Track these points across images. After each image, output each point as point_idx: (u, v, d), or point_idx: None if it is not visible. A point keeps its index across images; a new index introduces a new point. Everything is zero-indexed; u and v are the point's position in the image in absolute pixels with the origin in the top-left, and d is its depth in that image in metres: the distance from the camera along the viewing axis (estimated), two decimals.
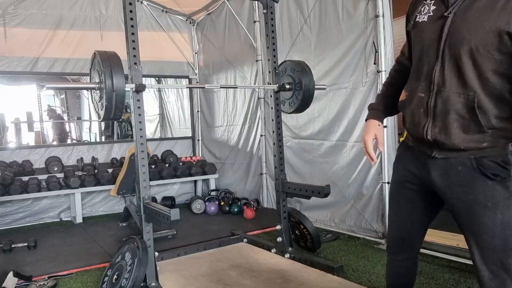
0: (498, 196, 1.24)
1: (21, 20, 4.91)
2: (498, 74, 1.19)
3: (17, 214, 4.75)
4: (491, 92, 1.21)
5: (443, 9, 1.26)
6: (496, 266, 1.25)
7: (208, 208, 4.93)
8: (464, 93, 1.23)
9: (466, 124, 1.25)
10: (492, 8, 1.17)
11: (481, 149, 1.25)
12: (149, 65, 5.51)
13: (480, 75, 1.21)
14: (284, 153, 3.27)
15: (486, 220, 1.24)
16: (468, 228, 1.30)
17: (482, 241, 1.26)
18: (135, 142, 2.52)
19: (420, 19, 1.32)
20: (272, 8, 3.12)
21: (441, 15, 1.26)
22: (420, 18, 1.32)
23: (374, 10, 3.32)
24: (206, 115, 6.13)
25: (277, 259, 3.10)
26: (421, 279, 2.59)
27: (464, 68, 1.22)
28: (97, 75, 2.36)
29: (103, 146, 5.68)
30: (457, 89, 1.23)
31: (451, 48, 1.23)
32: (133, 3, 2.46)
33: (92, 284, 2.80)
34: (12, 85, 8.37)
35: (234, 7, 5.16)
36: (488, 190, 1.24)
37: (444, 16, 1.24)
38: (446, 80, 1.25)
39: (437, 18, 1.27)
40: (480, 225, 1.26)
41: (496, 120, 1.23)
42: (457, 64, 1.23)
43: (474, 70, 1.21)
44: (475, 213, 1.26)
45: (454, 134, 1.26)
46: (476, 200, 1.25)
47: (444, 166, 1.31)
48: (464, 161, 1.28)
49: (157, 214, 2.34)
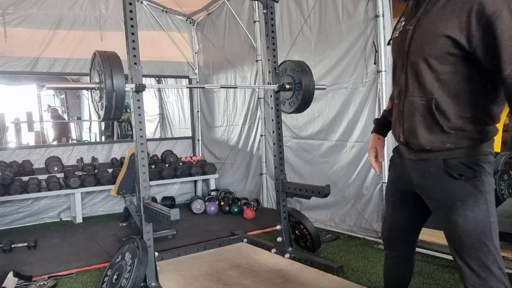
0: (467, 195, 1.28)
1: (21, 20, 4.91)
2: (453, 75, 1.26)
3: (17, 214, 4.75)
4: (449, 93, 1.27)
5: (408, 23, 1.38)
6: (477, 264, 1.29)
7: (208, 208, 4.93)
8: (423, 96, 1.32)
9: (429, 125, 1.32)
10: (440, 15, 1.26)
11: (448, 150, 1.31)
12: (149, 65, 5.51)
13: (438, 78, 1.28)
14: (284, 153, 3.27)
15: (458, 219, 1.29)
16: (446, 228, 1.35)
17: (457, 239, 1.31)
18: (135, 142, 2.52)
19: (394, 35, 1.47)
20: (272, 8, 3.12)
21: (406, 28, 1.38)
22: (394, 35, 1.46)
23: (374, 10, 3.32)
24: (206, 115, 6.13)
25: (277, 259, 3.10)
26: (421, 279, 2.59)
27: (422, 73, 1.31)
28: (97, 75, 2.36)
29: (103, 146, 5.68)
30: (418, 93, 1.33)
31: (412, 56, 1.33)
32: (133, 3, 2.46)
33: (92, 284, 2.80)
34: (12, 85, 8.38)
35: (234, 7, 5.16)
36: (457, 189, 1.30)
37: (407, 29, 1.37)
38: (409, 85, 1.35)
39: (404, 32, 1.39)
40: (454, 224, 1.30)
41: (460, 120, 1.28)
42: (416, 70, 1.32)
43: (432, 74, 1.29)
44: (448, 213, 1.31)
45: (420, 135, 1.34)
46: (447, 199, 1.32)
47: (420, 167, 1.40)
48: (435, 162, 1.34)
49: (157, 214, 2.34)
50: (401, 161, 1.51)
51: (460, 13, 1.21)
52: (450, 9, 1.23)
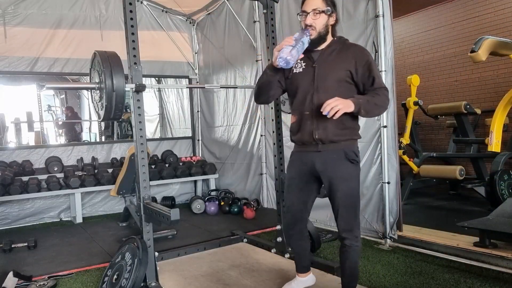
0: (353, 173, 2.07)
1: (21, 20, 4.91)
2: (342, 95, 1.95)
3: (17, 214, 4.75)
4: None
5: (310, 63, 2.10)
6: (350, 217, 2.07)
7: (208, 208, 4.93)
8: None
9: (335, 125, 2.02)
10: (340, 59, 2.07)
11: (344, 141, 2.05)
12: (149, 65, 5.52)
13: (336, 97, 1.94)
14: (284, 153, 3.27)
15: (345, 188, 2.05)
16: (336, 195, 2.06)
17: (342, 201, 2.05)
18: (135, 142, 2.52)
19: (297, 70, 2.14)
20: (272, 8, 3.12)
21: (311, 66, 2.09)
22: (297, 70, 2.14)
23: (374, 10, 3.32)
24: (206, 115, 6.13)
25: (277, 259, 3.11)
26: (421, 279, 2.59)
27: (328, 94, 1.98)
28: (97, 75, 2.36)
29: (103, 146, 5.69)
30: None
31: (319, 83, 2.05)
32: (133, 3, 2.46)
33: (92, 284, 2.80)
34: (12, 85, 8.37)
35: (234, 7, 5.16)
36: (349, 169, 2.06)
37: (313, 67, 2.08)
38: (320, 100, 1.97)
39: (309, 68, 2.10)
40: (342, 191, 2.05)
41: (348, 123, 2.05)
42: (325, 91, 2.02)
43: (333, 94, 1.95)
44: (340, 184, 2.05)
45: (330, 132, 2.03)
46: (342, 176, 2.05)
47: (323, 156, 2.07)
48: (336, 151, 2.06)
49: (157, 214, 2.34)
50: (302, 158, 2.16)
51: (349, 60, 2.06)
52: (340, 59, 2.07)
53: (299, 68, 2.14)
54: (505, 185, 4.21)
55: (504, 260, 2.68)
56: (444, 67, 5.88)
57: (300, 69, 2.13)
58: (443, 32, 5.85)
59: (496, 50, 4.12)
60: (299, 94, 2.11)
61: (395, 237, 3.29)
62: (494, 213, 3.06)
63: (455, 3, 5.69)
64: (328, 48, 2.09)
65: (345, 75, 2.02)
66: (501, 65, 5.14)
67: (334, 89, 2.02)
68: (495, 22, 5.21)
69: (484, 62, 4.46)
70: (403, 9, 5.95)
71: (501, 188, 4.18)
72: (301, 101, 2.11)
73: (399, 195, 3.37)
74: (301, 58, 2.11)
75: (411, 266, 2.83)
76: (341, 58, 2.05)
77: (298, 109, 2.13)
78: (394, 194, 3.35)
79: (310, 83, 2.07)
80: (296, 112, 2.15)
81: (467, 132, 5.08)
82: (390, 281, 2.59)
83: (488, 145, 4.13)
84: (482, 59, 4.04)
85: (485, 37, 4.07)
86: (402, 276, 2.65)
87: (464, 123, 5.07)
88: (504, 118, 4.24)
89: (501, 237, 2.88)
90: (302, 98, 2.09)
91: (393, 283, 2.56)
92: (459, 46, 5.62)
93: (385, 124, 3.32)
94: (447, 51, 5.82)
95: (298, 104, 2.12)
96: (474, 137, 5.08)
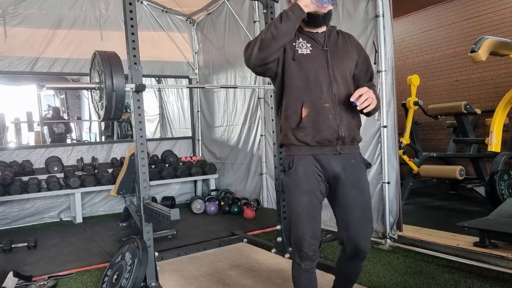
0: (367, 181, 1.82)
1: (21, 20, 4.91)
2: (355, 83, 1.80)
3: (17, 214, 4.75)
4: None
5: (319, 46, 1.75)
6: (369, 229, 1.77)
7: (208, 208, 4.93)
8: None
9: (356, 123, 1.78)
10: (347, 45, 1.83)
11: (358, 143, 1.81)
12: (149, 65, 5.52)
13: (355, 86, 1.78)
14: None
15: (365, 198, 1.77)
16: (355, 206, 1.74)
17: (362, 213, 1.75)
18: (135, 142, 2.52)
19: (304, 52, 1.73)
20: (272, 8, 3.12)
21: (321, 49, 1.75)
22: (303, 51, 1.73)
23: (374, 10, 3.32)
24: (206, 115, 6.12)
25: (277, 259, 3.11)
26: (421, 279, 2.59)
27: (346, 85, 1.74)
28: (97, 75, 2.36)
29: (103, 146, 5.68)
30: (347, 97, 1.70)
31: (335, 70, 1.72)
32: (133, 3, 2.46)
33: (92, 284, 2.80)
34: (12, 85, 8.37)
35: (234, 7, 5.16)
36: (365, 176, 1.81)
37: (324, 50, 1.75)
38: (340, 91, 1.71)
39: (318, 51, 1.74)
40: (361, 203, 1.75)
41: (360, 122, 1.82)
42: (344, 80, 1.74)
43: (350, 86, 1.76)
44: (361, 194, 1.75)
45: (353, 131, 1.75)
46: (362, 184, 1.77)
47: (343, 160, 1.73)
48: (354, 155, 1.78)
49: (157, 214, 2.34)
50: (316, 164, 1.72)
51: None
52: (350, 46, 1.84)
53: (304, 49, 1.74)
54: (505, 185, 4.21)
55: (504, 260, 2.68)
56: (444, 67, 5.88)
57: (307, 50, 1.73)
58: (443, 32, 5.85)
59: (496, 50, 4.12)
60: (312, 80, 1.70)
61: (395, 237, 3.29)
62: (494, 213, 3.06)
63: (455, 3, 5.69)
64: (330, 33, 1.81)
65: (352, 67, 1.79)
66: (501, 65, 5.14)
67: (349, 80, 1.77)
68: (495, 22, 5.21)
69: (484, 62, 4.46)
70: (403, 9, 5.95)
71: (501, 188, 4.17)
72: (314, 89, 1.69)
73: (399, 195, 3.37)
74: (303, 38, 1.76)
75: (411, 266, 2.83)
76: (346, 47, 1.81)
77: (309, 98, 1.69)
78: (394, 194, 3.35)
79: (323, 69, 1.71)
80: (306, 103, 1.69)
81: (467, 132, 5.08)
82: (390, 281, 2.59)
83: (488, 145, 4.13)
84: (482, 59, 4.04)
85: (485, 37, 4.07)
86: (402, 276, 2.65)
87: (464, 123, 5.06)
88: (504, 118, 4.24)
89: (501, 237, 2.88)
90: (317, 85, 1.69)
91: (393, 283, 2.56)
92: (459, 46, 5.62)
93: (385, 124, 3.32)
94: (447, 51, 5.82)
95: (309, 92, 1.69)
96: (474, 137, 5.08)
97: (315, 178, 1.71)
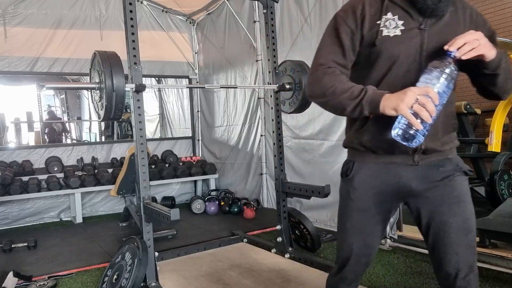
0: (468, 191, 1.36)
1: (21, 20, 4.91)
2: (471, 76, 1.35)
3: (17, 214, 4.75)
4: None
5: (415, 24, 1.28)
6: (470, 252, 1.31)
7: (208, 208, 4.93)
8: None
9: (446, 128, 1.33)
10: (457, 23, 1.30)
11: (449, 149, 1.36)
12: (149, 65, 5.52)
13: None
14: (284, 153, 3.27)
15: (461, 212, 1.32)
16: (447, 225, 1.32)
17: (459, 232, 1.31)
18: (135, 142, 2.52)
19: (391, 33, 1.28)
20: (272, 8, 3.12)
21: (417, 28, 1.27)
22: (391, 33, 1.28)
23: None
24: (206, 115, 6.12)
25: (277, 259, 3.10)
26: (421, 279, 2.59)
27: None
28: (97, 75, 2.36)
29: (103, 146, 5.68)
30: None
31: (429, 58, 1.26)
32: (133, 3, 2.46)
33: (92, 284, 2.80)
34: (12, 85, 8.39)
35: (234, 7, 5.16)
36: (464, 185, 1.35)
37: (420, 29, 1.27)
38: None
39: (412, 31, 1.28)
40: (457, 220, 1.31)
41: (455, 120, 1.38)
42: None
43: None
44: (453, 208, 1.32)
45: (439, 135, 1.31)
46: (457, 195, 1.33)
47: (423, 171, 1.33)
48: (442, 162, 1.34)
49: (157, 214, 2.34)
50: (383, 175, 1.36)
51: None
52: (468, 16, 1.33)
53: (392, 29, 1.28)
54: (505, 185, 4.21)
55: (504, 260, 2.68)
56: None
57: (396, 31, 1.28)
58: None
59: None
60: (393, 71, 1.29)
61: (395, 237, 3.29)
62: (494, 213, 3.05)
63: None
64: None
65: None
66: None
67: None
68: (495, 22, 5.21)
69: None
70: None
71: (501, 188, 4.17)
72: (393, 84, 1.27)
73: None
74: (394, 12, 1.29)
75: (411, 266, 2.83)
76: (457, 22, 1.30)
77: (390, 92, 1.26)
78: None
79: (412, 56, 1.28)
80: None
81: (467, 132, 5.08)
82: (390, 281, 2.59)
83: (488, 145, 4.13)
84: None
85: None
86: (402, 276, 2.65)
87: (464, 123, 5.06)
88: (504, 118, 4.24)
89: (501, 237, 2.88)
90: (399, 78, 1.28)
91: (393, 283, 2.56)
92: None
93: None
94: None
95: (385, 87, 1.27)
96: (474, 137, 5.08)
97: (375, 193, 1.37)
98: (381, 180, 1.36)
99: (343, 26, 1.32)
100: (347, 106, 1.24)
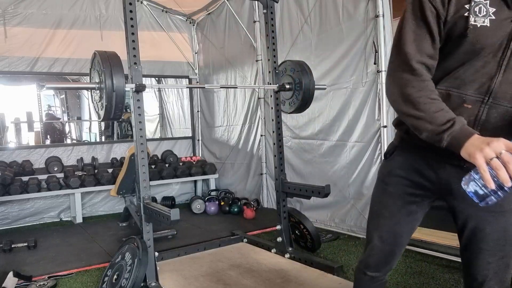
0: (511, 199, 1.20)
1: (21, 20, 4.91)
2: None
3: (17, 214, 4.75)
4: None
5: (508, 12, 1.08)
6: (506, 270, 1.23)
7: (208, 208, 4.93)
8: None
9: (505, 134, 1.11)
10: None
11: None
12: (149, 65, 5.52)
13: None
14: (284, 153, 3.27)
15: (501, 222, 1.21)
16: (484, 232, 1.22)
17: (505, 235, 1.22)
18: (135, 142, 2.52)
19: (479, 22, 1.09)
20: (272, 8, 3.12)
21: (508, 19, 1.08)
22: (479, 22, 1.09)
23: (374, 10, 3.32)
24: (206, 115, 6.13)
25: (277, 259, 3.10)
26: (421, 279, 2.59)
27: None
28: (97, 75, 2.36)
29: (103, 146, 5.68)
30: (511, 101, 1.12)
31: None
32: (133, 3, 2.46)
33: (92, 284, 2.80)
34: (12, 85, 8.38)
35: (234, 7, 5.16)
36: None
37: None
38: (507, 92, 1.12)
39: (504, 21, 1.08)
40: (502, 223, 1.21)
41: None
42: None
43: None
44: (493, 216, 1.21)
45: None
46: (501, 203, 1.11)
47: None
48: None
49: (157, 214, 2.34)
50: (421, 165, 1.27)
51: None
52: None
53: (481, 17, 1.09)
54: None
55: None
56: None
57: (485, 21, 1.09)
58: None
59: None
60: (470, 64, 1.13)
61: None
62: None
63: None
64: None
65: None
66: None
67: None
68: None
69: None
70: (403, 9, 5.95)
71: None
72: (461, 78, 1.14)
73: None
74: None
75: (411, 266, 2.83)
76: None
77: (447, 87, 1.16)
78: None
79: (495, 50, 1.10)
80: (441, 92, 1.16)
81: None
82: (390, 281, 2.59)
83: None
84: None
85: None
86: (402, 276, 2.65)
87: None
88: None
89: None
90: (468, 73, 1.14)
91: (393, 283, 2.56)
92: None
93: (385, 124, 3.32)
94: None
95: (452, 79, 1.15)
96: None
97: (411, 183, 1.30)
98: (421, 173, 1.27)
99: (429, 7, 1.14)
100: (424, 130, 1.09)
